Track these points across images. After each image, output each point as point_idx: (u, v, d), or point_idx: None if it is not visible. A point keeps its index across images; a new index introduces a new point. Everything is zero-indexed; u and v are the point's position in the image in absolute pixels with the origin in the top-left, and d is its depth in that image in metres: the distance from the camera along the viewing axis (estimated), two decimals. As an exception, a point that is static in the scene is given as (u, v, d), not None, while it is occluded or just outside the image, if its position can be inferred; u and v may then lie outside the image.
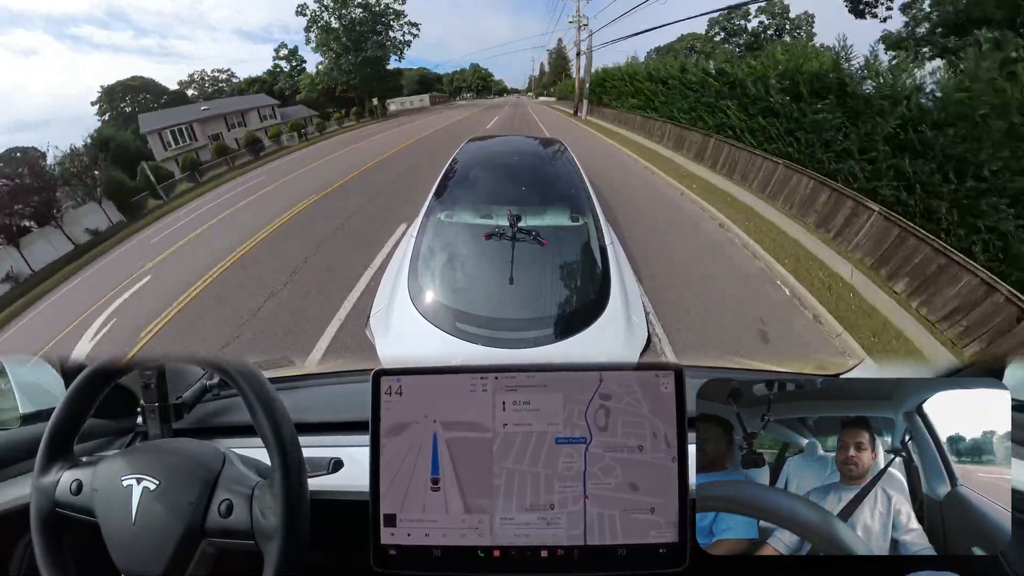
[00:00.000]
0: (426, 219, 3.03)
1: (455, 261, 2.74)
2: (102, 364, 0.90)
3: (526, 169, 3.85)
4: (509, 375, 0.86)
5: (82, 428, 0.92)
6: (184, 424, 1.21)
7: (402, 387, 0.85)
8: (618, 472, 0.83)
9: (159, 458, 0.88)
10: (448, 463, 0.84)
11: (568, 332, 2.27)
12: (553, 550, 0.83)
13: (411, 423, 0.85)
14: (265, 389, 0.82)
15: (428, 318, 2.34)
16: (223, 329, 5.00)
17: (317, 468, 1.01)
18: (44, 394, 1.26)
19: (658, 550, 0.82)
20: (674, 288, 5.02)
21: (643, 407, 0.84)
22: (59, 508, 0.87)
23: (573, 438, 0.84)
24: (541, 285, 2.53)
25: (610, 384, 0.85)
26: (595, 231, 2.88)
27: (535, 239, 2.70)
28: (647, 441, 0.84)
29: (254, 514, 0.80)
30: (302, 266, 6.21)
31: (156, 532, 0.80)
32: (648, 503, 0.83)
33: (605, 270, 2.60)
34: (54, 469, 0.89)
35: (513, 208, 2.88)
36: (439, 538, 0.83)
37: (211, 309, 5.59)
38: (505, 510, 0.83)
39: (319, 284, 5.54)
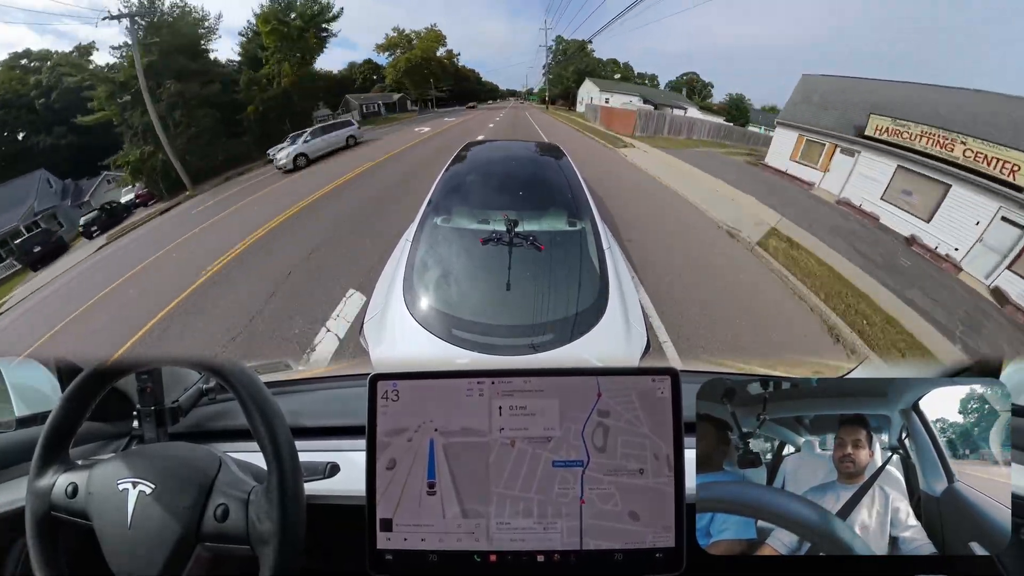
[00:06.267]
0: (422, 224, 3.01)
1: (451, 266, 2.72)
2: (98, 367, 0.90)
3: (523, 173, 3.83)
4: (506, 380, 0.86)
5: (78, 431, 0.92)
6: (180, 428, 1.21)
7: (399, 392, 0.85)
8: (617, 500, 0.83)
9: (155, 462, 0.88)
10: (444, 468, 0.84)
11: (566, 338, 2.25)
12: (549, 555, 0.82)
13: (408, 427, 0.85)
14: (261, 393, 0.82)
15: (423, 324, 2.31)
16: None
17: (313, 472, 1.01)
18: (40, 397, 1.26)
19: (655, 554, 0.82)
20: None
21: (643, 425, 0.84)
22: (54, 511, 0.87)
23: (570, 461, 0.84)
24: (538, 291, 2.51)
25: (608, 399, 0.84)
26: (593, 236, 2.87)
27: (532, 244, 2.69)
28: (648, 464, 0.83)
29: (250, 519, 0.79)
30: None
31: (151, 536, 0.80)
32: (647, 532, 0.82)
33: (603, 275, 2.59)
34: (50, 472, 0.89)
35: (510, 213, 2.87)
36: (435, 543, 0.83)
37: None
38: (501, 515, 0.83)
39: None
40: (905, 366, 4.25)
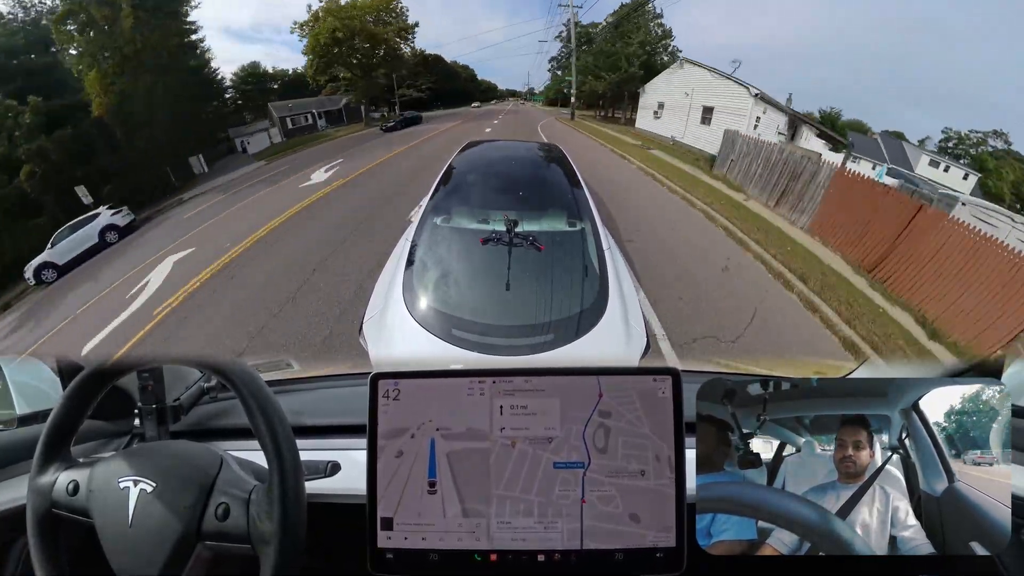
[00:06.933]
0: (421, 223, 3.01)
1: (451, 266, 2.72)
2: (100, 365, 0.90)
3: (523, 174, 3.84)
4: (507, 379, 0.86)
5: (79, 429, 0.92)
6: (181, 426, 1.21)
7: (400, 391, 0.85)
8: (618, 502, 0.83)
9: (156, 460, 0.88)
10: (445, 467, 0.84)
11: (566, 339, 2.25)
12: (550, 554, 0.82)
13: (408, 427, 0.85)
14: (262, 392, 0.82)
15: (423, 324, 2.30)
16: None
17: (314, 471, 1.01)
18: (41, 395, 1.26)
19: (655, 554, 0.82)
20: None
21: (644, 425, 0.84)
22: (55, 509, 0.87)
23: (571, 462, 0.84)
24: (538, 291, 2.51)
25: (609, 399, 0.84)
26: (593, 236, 2.87)
27: (532, 244, 2.68)
28: (649, 465, 0.83)
29: (251, 518, 0.80)
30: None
31: (152, 535, 0.80)
32: (648, 533, 0.82)
33: (603, 275, 2.59)
34: (51, 470, 0.89)
35: (510, 213, 2.87)
36: (436, 542, 0.83)
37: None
38: (502, 514, 0.83)
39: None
40: (906, 367, 4.25)
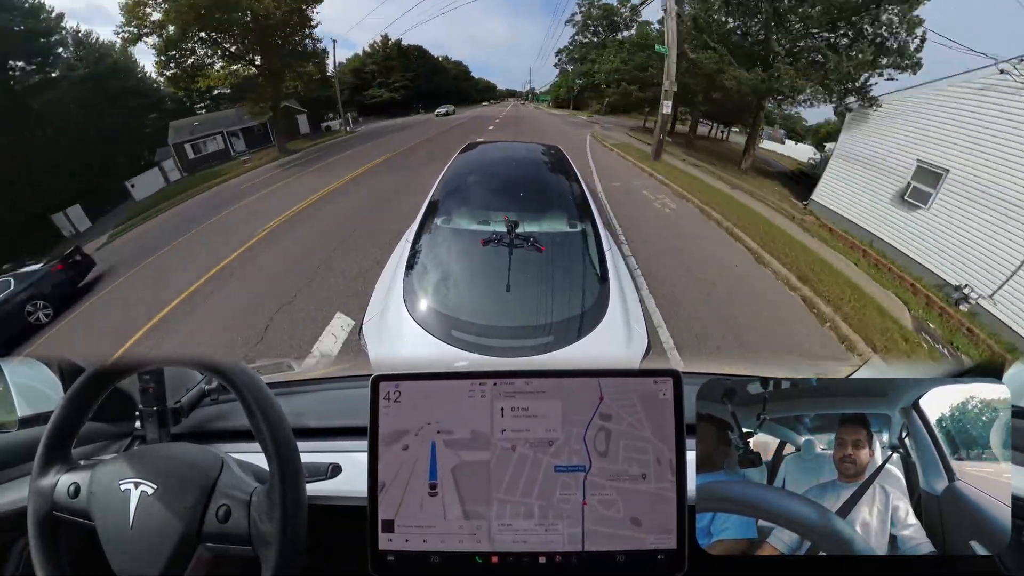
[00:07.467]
0: (422, 224, 3.01)
1: (451, 267, 2.72)
2: (101, 367, 0.91)
3: (524, 174, 3.83)
4: (508, 381, 0.86)
5: (80, 431, 0.92)
6: (182, 428, 1.21)
7: (401, 392, 0.85)
8: (619, 506, 0.82)
9: (157, 462, 0.88)
10: (446, 469, 0.84)
11: (567, 340, 2.24)
12: (551, 556, 0.82)
13: (409, 429, 0.85)
14: (263, 393, 0.82)
15: (423, 326, 2.30)
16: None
17: (315, 473, 1.01)
18: (42, 397, 1.26)
19: (656, 556, 0.82)
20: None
21: (645, 428, 0.84)
22: (56, 511, 0.87)
23: (572, 466, 0.84)
24: (539, 292, 2.50)
25: (610, 401, 0.84)
26: (594, 237, 2.87)
27: (533, 245, 2.68)
28: (650, 468, 0.83)
29: (252, 520, 0.80)
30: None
31: (153, 536, 0.80)
32: (649, 535, 0.82)
33: (604, 277, 2.58)
34: (52, 472, 0.89)
35: (511, 214, 2.86)
36: (437, 544, 0.83)
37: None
38: (503, 516, 0.83)
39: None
40: (907, 367, 4.25)
